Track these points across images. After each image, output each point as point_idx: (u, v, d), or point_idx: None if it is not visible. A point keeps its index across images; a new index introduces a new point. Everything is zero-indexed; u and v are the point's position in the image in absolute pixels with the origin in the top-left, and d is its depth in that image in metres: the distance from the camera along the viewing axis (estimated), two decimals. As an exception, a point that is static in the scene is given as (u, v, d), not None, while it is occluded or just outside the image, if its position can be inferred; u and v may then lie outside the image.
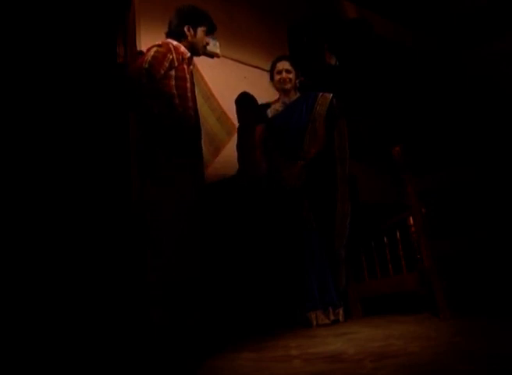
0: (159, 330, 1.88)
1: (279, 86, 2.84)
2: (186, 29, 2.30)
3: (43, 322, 1.72)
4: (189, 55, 2.28)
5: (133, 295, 1.95)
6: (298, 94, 2.87)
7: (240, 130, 3.00)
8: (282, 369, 1.44)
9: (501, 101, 3.99)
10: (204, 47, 2.40)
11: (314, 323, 2.41)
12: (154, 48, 2.13)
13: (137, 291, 1.95)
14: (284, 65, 2.84)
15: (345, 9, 3.88)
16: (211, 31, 2.40)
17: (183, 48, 2.26)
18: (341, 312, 2.49)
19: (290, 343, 1.92)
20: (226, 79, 3.41)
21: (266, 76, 3.01)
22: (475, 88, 4.24)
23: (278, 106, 2.86)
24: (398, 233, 2.46)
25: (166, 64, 2.11)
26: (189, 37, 2.31)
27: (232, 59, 3.55)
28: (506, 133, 3.46)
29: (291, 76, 2.83)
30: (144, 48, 2.28)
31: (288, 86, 2.82)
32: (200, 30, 2.33)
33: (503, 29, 4.20)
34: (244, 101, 2.99)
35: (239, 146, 2.98)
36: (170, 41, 2.26)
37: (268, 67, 3.02)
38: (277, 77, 2.84)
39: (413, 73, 4.13)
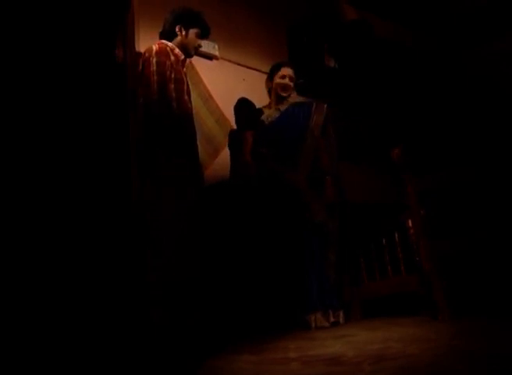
0: (159, 330, 1.88)
1: (280, 91, 2.80)
2: (177, 29, 2.30)
3: (43, 322, 1.72)
4: (183, 57, 2.29)
5: (133, 295, 1.95)
6: (298, 97, 2.86)
7: (232, 134, 3.01)
8: (281, 372, 1.44)
9: (501, 101, 3.99)
10: (196, 49, 2.39)
11: (313, 325, 2.40)
12: (154, 57, 2.14)
13: (137, 291, 1.95)
14: (289, 71, 2.81)
15: (345, 12, 3.88)
16: (204, 34, 2.39)
17: (177, 50, 2.27)
18: (341, 314, 2.48)
19: (290, 345, 1.91)
20: (225, 81, 3.41)
21: (265, 78, 3.00)
22: (475, 88, 4.24)
23: (272, 113, 2.83)
24: (397, 235, 2.46)
25: (168, 71, 2.14)
26: (179, 37, 2.31)
27: (230, 61, 3.55)
28: (506, 133, 3.46)
29: (293, 84, 2.82)
30: (142, 50, 2.28)
31: (287, 93, 2.81)
32: (192, 32, 2.32)
33: (503, 29, 4.20)
34: (240, 106, 2.99)
35: (230, 147, 3.00)
36: (165, 42, 2.27)
37: (266, 69, 3.02)
38: (280, 81, 2.80)
39: (413, 73, 4.13)
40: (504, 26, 4.18)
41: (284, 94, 2.81)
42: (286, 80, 2.80)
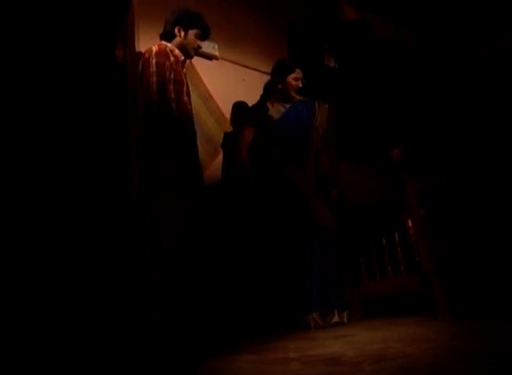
0: (159, 330, 1.88)
1: (293, 92, 2.81)
2: (176, 30, 2.31)
3: (43, 322, 1.72)
4: (183, 58, 2.29)
5: (133, 295, 1.95)
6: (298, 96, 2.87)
7: (228, 133, 3.00)
8: (280, 372, 1.44)
9: (501, 101, 3.99)
10: (195, 50, 2.39)
11: (313, 325, 2.40)
12: (154, 58, 2.15)
13: (137, 291, 1.95)
14: (300, 74, 2.84)
15: (345, 12, 3.88)
16: (204, 35, 2.40)
17: (177, 51, 2.27)
18: (345, 315, 2.48)
19: (290, 345, 1.91)
20: (225, 81, 3.42)
21: (265, 78, 3.00)
22: (475, 88, 4.24)
23: (277, 111, 2.82)
24: (397, 235, 2.46)
25: (167, 72, 2.14)
26: (178, 38, 2.31)
27: (230, 61, 3.56)
28: (506, 133, 3.46)
29: None
30: (142, 50, 2.28)
31: (296, 95, 2.84)
32: (192, 33, 2.33)
33: (503, 29, 4.20)
34: (237, 107, 3.00)
35: (224, 146, 2.99)
36: (165, 43, 2.27)
37: (266, 69, 3.02)
38: (295, 83, 2.81)
39: (413, 73, 4.13)
40: (504, 26, 4.18)
41: (295, 95, 2.83)
42: (299, 83, 2.82)
